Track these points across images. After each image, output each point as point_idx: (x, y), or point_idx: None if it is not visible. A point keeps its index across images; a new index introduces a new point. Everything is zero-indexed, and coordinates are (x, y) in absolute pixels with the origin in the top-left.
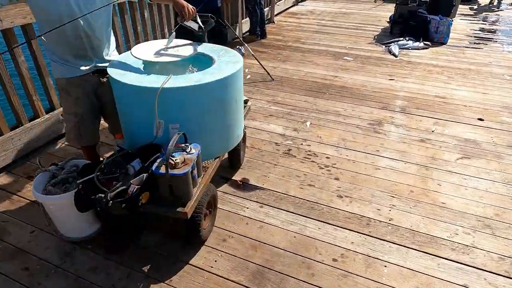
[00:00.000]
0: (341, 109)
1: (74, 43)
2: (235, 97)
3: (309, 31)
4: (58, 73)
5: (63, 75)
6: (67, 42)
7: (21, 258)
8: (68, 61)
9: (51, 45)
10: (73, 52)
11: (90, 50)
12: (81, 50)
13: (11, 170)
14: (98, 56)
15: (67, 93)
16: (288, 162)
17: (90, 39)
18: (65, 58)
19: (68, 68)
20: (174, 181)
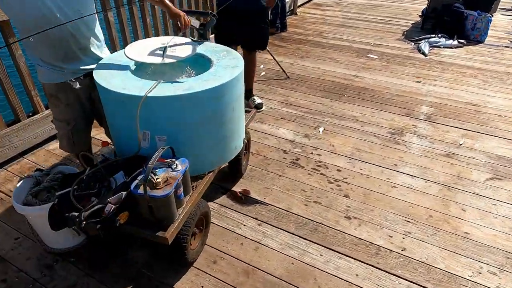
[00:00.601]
0: (359, 114)
1: (59, 46)
2: (232, 105)
3: (333, 24)
4: (45, 78)
5: (51, 80)
6: (52, 45)
7: (0, 267)
8: (56, 65)
9: (34, 50)
10: (60, 55)
11: (78, 50)
12: (69, 52)
13: (7, 168)
14: (88, 55)
15: (57, 99)
16: (294, 174)
17: (76, 38)
18: (52, 62)
19: (56, 72)
20: (154, 202)
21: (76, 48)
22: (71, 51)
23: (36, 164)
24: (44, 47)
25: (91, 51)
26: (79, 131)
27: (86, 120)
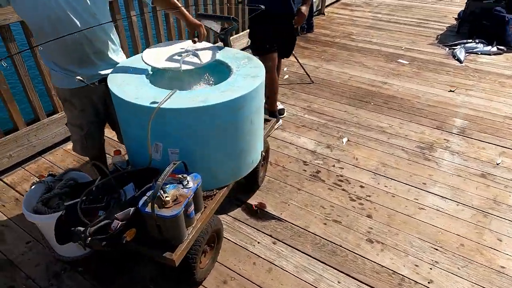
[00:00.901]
0: (386, 125)
1: (73, 50)
2: (250, 118)
3: (362, 26)
4: (59, 83)
5: (64, 85)
6: (66, 49)
7: (9, 272)
8: (70, 70)
9: (48, 54)
10: (74, 59)
11: (92, 54)
12: (83, 56)
13: (24, 166)
14: (104, 60)
15: (71, 104)
16: (314, 188)
17: (91, 42)
18: (66, 67)
19: (70, 77)
20: (161, 222)
21: (90, 52)
22: (85, 55)
23: (53, 164)
24: (58, 50)
25: (107, 56)
26: (92, 136)
27: (100, 125)
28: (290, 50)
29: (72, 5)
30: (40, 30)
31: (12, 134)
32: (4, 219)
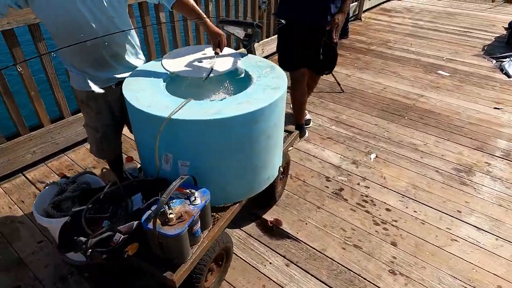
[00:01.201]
0: (420, 142)
1: (90, 52)
2: (267, 133)
3: (401, 33)
4: (77, 85)
5: (82, 87)
6: (82, 52)
7: (18, 271)
8: (87, 73)
9: (66, 56)
10: (91, 62)
11: (110, 58)
12: (100, 59)
13: (47, 163)
14: (121, 63)
15: (88, 106)
16: (335, 207)
17: (108, 45)
18: (83, 69)
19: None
20: (164, 240)
21: (108, 55)
22: (102, 58)
23: (74, 163)
24: (74, 52)
25: (124, 59)
26: (108, 139)
27: (116, 128)
28: (329, 67)
29: (89, 7)
30: (57, 32)
31: (37, 131)
32: (20, 215)
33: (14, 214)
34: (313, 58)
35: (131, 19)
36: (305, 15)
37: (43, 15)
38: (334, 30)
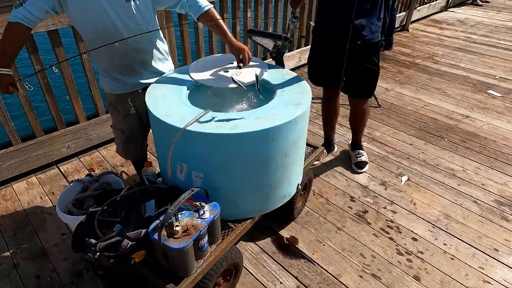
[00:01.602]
0: (458, 168)
1: (119, 59)
2: (284, 151)
3: (450, 47)
4: (106, 88)
5: (111, 90)
6: (112, 58)
7: (40, 262)
8: (116, 77)
9: (97, 60)
10: (119, 68)
11: (136, 64)
12: (128, 65)
13: (80, 157)
14: (148, 69)
15: (115, 109)
16: (357, 230)
17: (137, 53)
18: (111, 74)
19: (115, 84)
20: (168, 252)
21: (134, 62)
22: (130, 65)
23: (104, 159)
24: (105, 59)
25: (151, 65)
26: (133, 141)
27: (142, 130)
28: (366, 91)
29: (119, 14)
30: (89, 38)
31: (73, 126)
32: (49, 207)
33: (44, 204)
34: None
35: (168, 23)
36: (339, 27)
37: (77, 22)
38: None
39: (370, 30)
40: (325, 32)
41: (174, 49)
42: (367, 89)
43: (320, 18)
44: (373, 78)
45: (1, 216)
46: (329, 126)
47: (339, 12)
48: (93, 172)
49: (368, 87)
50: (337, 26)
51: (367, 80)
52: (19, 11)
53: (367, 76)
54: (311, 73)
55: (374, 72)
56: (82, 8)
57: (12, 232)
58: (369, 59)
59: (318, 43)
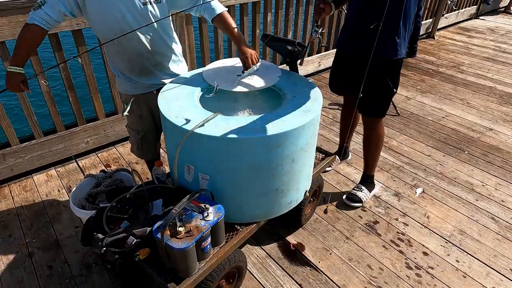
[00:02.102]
0: (477, 182)
1: (135, 61)
2: (292, 157)
3: (478, 56)
4: (122, 89)
5: (126, 91)
6: (128, 60)
7: (53, 252)
8: (131, 78)
9: (113, 62)
10: (135, 69)
11: (152, 66)
12: (143, 67)
13: (97, 153)
14: (163, 71)
15: (130, 109)
16: (366, 241)
17: (151, 55)
18: (128, 75)
19: (131, 85)
20: (170, 251)
21: (150, 64)
22: (145, 67)
23: (120, 156)
24: (122, 61)
25: (166, 67)
26: (148, 141)
27: (156, 131)
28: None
29: (137, 19)
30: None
31: (92, 123)
32: (65, 199)
33: (61, 197)
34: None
35: (188, 26)
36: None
37: (95, 24)
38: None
39: (387, 46)
40: (341, 41)
41: (193, 51)
42: (377, 107)
43: (343, 27)
44: (385, 97)
45: (21, 206)
46: (344, 134)
47: (356, 23)
48: (109, 168)
49: (379, 105)
50: (351, 37)
51: (378, 98)
52: (37, 13)
53: (379, 93)
54: (329, 79)
55: (387, 91)
56: (100, 12)
57: (30, 221)
58: (382, 77)
59: (337, 50)
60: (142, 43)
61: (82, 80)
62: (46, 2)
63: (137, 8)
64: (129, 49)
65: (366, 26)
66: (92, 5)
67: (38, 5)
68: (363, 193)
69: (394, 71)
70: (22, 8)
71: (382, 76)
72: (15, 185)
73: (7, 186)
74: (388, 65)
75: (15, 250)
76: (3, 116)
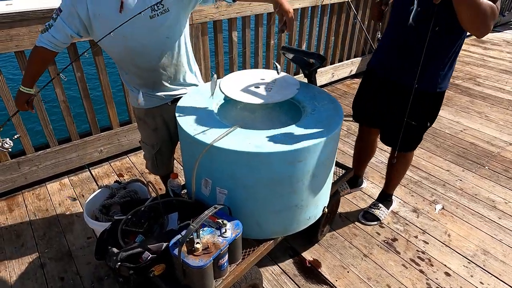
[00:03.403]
0: (500, 199)
1: (148, 76)
2: (312, 172)
3: (495, 68)
4: (134, 102)
5: (140, 105)
6: (142, 75)
7: (65, 263)
8: (145, 92)
9: (127, 77)
10: (149, 84)
11: (167, 80)
12: (157, 81)
13: (110, 162)
14: (178, 83)
15: (145, 123)
16: (384, 259)
17: (164, 68)
18: (141, 89)
19: (145, 98)
20: (187, 268)
21: (164, 78)
22: (159, 80)
23: (133, 165)
24: (134, 75)
25: (180, 79)
26: (162, 155)
27: (170, 144)
28: (404, 145)
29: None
30: (116, 58)
31: (106, 132)
32: (78, 209)
33: (73, 206)
34: (392, 129)
35: (204, 36)
36: (397, 70)
37: (104, 44)
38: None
39: (431, 78)
40: (377, 62)
41: (208, 60)
42: (408, 143)
43: (380, 45)
44: (417, 134)
45: (34, 214)
46: (359, 163)
47: (400, 48)
48: (122, 177)
49: (410, 141)
50: (391, 61)
51: (411, 134)
52: (44, 36)
53: (413, 129)
54: (354, 105)
55: (422, 127)
56: (107, 29)
57: (42, 231)
58: (427, 112)
59: (368, 71)
60: (154, 58)
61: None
62: (53, 25)
63: (144, 24)
64: (141, 65)
65: (412, 53)
66: (98, 26)
67: (46, 28)
68: (381, 211)
69: (434, 105)
70: (43, 18)
71: (431, 112)
72: (29, 193)
73: (21, 194)
74: (438, 100)
75: (27, 260)
76: (20, 125)
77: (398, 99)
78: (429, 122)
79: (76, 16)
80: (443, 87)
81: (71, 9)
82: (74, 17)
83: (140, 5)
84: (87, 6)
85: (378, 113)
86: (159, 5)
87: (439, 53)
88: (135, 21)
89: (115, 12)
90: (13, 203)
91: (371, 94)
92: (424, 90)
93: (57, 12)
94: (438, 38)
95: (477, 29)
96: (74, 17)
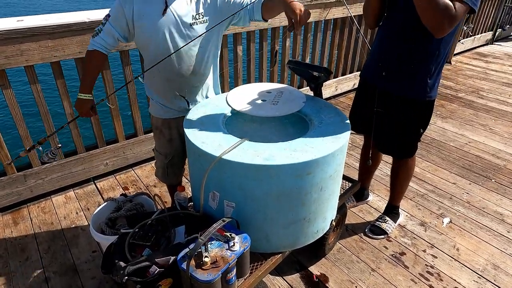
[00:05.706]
0: (508, 213)
1: (171, 85)
2: (320, 185)
3: (498, 81)
4: (154, 112)
5: (159, 114)
6: (165, 83)
7: (70, 278)
8: (167, 102)
9: (150, 85)
10: (171, 92)
11: (192, 88)
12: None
13: (115, 175)
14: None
15: (161, 132)
16: (393, 273)
17: (193, 75)
18: (164, 98)
19: (165, 109)
20: (195, 283)
21: (187, 87)
22: (183, 89)
23: (139, 179)
24: (158, 83)
25: (201, 90)
26: (174, 165)
27: (183, 156)
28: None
29: (185, 39)
30: (149, 59)
31: (112, 145)
32: (83, 222)
33: (79, 220)
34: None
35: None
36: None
37: (142, 41)
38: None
39: (419, 86)
40: (367, 69)
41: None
42: (404, 149)
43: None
44: (410, 139)
45: (39, 228)
46: (364, 174)
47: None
48: (127, 190)
49: (401, 148)
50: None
51: (401, 141)
52: (96, 40)
53: (406, 136)
54: (351, 113)
55: (414, 133)
56: (149, 29)
57: (47, 244)
58: (419, 119)
59: (361, 79)
60: (184, 63)
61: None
62: (102, 30)
63: (185, 28)
64: (170, 68)
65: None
66: (140, 24)
67: (96, 33)
68: (388, 224)
69: (425, 113)
70: (52, 33)
71: (423, 119)
72: (34, 206)
73: (26, 208)
74: (428, 107)
75: (32, 274)
76: (28, 138)
77: (387, 106)
78: (422, 129)
79: (122, 18)
80: (433, 95)
81: (119, 9)
82: (121, 19)
83: (183, 12)
84: (133, 7)
85: (371, 121)
86: (200, 14)
87: (421, 62)
88: (176, 25)
89: (158, 14)
90: (18, 216)
91: (363, 102)
92: (412, 98)
93: (106, 18)
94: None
95: (428, 21)
96: (120, 20)
